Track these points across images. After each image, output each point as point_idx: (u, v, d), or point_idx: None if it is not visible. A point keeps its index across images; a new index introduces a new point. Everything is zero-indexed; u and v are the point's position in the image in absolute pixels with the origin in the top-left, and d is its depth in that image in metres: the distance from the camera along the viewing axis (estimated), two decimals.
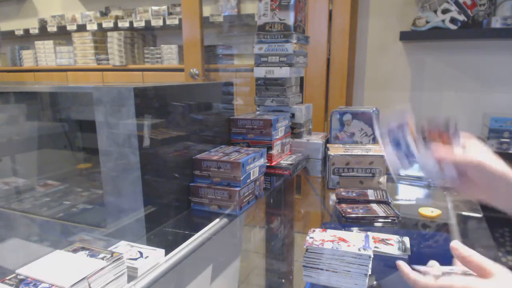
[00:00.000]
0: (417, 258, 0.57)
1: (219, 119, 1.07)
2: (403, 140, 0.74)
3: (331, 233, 0.79)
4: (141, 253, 0.65)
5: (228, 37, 3.09)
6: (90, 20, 3.48)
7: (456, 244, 0.57)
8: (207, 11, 3.05)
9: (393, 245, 0.82)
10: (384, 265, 0.79)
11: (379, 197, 1.05)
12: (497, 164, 0.68)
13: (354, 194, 1.07)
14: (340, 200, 1.06)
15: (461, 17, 1.95)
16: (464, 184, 0.72)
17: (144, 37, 3.42)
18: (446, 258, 0.60)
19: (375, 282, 0.76)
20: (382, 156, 1.12)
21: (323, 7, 2.17)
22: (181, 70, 2.79)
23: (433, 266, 0.59)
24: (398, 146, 0.74)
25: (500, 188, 0.68)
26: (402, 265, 0.61)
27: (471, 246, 0.57)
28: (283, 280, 1.25)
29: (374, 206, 1.02)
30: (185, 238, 0.75)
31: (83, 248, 0.60)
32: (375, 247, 0.80)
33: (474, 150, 0.70)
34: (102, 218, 0.82)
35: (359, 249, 0.71)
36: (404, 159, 0.74)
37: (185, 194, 0.91)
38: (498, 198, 0.70)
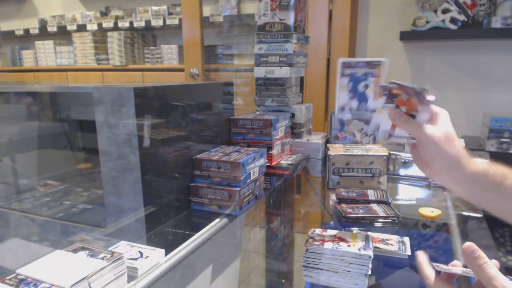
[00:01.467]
0: None
1: (219, 119, 1.07)
2: (363, 84, 0.70)
3: (331, 233, 0.79)
4: (141, 253, 0.65)
5: (228, 37, 3.08)
6: (90, 20, 3.48)
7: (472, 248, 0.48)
8: (207, 11, 3.05)
9: (393, 245, 0.82)
10: (384, 265, 0.79)
11: (379, 197, 1.05)
12: (448, 144, 0.61)
13: (354, 194, 1.07)
14: (340, 200, 1.05)
15: (461, 17, 1.95)
16: (418, 159, 0.67)
17: (144, 37, 3.42)
18: (446, 258, 0.60)
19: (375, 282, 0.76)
20: (382, 156, 1.12)
21: (323, 7, 2.17)
22: (181, 70, 2.79)
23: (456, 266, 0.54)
24: (354, 88, 0.70)
25: (450, 172, 0.62)
26: (421, 256, 0.56)
27: None
28: (283, 280, 1.25)
29: (374, 206, 1.02)
30: (185, 238, 0.75)
31: (83, 248, 0.60)
32: (375, 247, 0.80)
33: (436, 125, 0.63)
34: (102, 218, 0.82)
35: (359, 249, 0.71)
36: (355, 101, 0.70)
37: (185, 194, 0.91)
38: (451, 182, 0.64)
